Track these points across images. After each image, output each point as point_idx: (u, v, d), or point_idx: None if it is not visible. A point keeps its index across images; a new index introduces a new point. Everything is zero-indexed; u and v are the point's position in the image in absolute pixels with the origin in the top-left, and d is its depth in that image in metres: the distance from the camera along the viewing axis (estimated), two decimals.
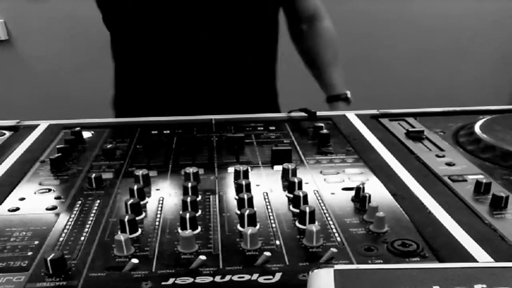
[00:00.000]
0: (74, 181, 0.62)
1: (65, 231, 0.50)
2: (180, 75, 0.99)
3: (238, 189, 0.57)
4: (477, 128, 0.72)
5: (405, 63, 2.38)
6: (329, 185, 0.60)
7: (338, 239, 0.48)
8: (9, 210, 0.54)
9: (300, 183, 0.57)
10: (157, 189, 0.59)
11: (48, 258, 0.43)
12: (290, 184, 0.58)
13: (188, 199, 0.52)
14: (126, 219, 0.49)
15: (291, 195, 0.56)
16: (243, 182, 0.56)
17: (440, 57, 2.40)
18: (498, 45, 2.45)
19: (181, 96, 0.99)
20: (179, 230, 0.49)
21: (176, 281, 0.42)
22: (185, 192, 0.56)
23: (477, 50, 2.43)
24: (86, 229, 0.50)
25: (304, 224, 0.50)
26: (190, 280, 0.42)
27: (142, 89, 1.03)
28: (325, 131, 0.75)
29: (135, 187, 0.55)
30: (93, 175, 0.60)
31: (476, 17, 2.37)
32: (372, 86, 2.22)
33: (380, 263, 0.44)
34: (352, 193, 0.57)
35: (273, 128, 0.80)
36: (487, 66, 2.47)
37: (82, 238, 0.49)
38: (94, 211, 0.54)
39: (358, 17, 2.21)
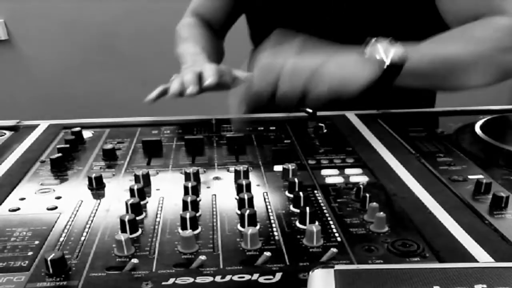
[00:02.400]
0: (74, 181, 0.62)
1: (65, 231, 0.50)
2: None
3: (238, 189, 0.57)
4: (477, 128, 0.72)
5: None
6: (329, 185, 0.60)
7: (338, 239, 0.48)
8: (9, 210, 0.54)
9: (300, 183, 0.57)
10: (157, 189, 0.59)
11: (49, 258, 0.43)
12: (290, 184, 0.58)
13: (188, 199, 0.52)
14: (126, 219, 0.49)
15: (291, 195, 0.56)
16: (243, 182, 0.56)
17: None
18: None
19: None
20: (179, 230, 0.49)
21: (176, 281, 0.42)
22: (185, 192, 0.56)
23: None
24: (86, 229, 0.50)
25: (304, 224, 0.50)
26: (191, 280, 0.42)
27: None
28: (325, 131, 0.75)
29: (135, 187, 0.55)
30: (93, 175, 0.60)
31: None
32: None
33: (380, 263, 0.44)
34: (353, 193, 0.57)
35: (273, 128, 0.80)
36: None
37: (82, 238, 0.49)
38: (94, 211, 0.54)
39: None
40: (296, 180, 0.57)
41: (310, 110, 0.82)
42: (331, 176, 0.62)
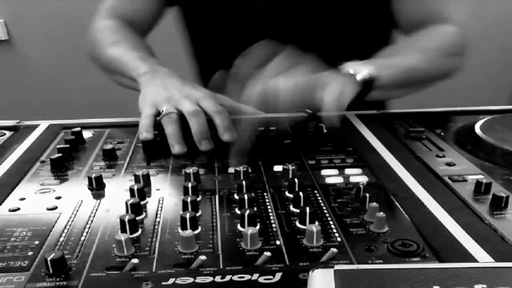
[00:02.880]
0: (74, 181, 0.62)
1: (65, 231, 0.50)
2: None
3: (239, 189, 0.57)
4: (477, 128, 0.72)
5: None
6: (329, 185, 0.60)
7: (338, 239, 0.48)
8: (9, 210, 0.54)
9: (300, 183, 0.57)
10: (157, 189, 0.59)
11: (49, 258, 0.43)
12: (290, 184, 0.58)
13: (189, 199, 0.52)
14: (126, 219, 0.49)
15: (291, 195, 0.56)
16: (243, 182, 0.56)
17: None
18: (498, 45, 2.45)
19: None
20: (179, 230, 0.49)
21: (176, 281, 0.42)
22: (185, 192, 0.56)
23: (477, 51, 2.43)
24: (86, 229, 0.50)
25: (304, 224, 0.50)
26: (190, 280, 0.42)
27: None
28: (325, 131, 0.75)
29: (135, 187, 0.55)
30: (93, 175, 0.60)
31: (476, 17, 2.37)
32: None
33: (380, 263, 0.44)
34: (352, 193, 0.57)
35: (273, 128, 0.80)
36: (487, 66, 2.47)
37: (82, 238, 0.49)
38: (94, 211, 0.54)
39: None
40: (296, 180, 0.57)
41: (310, 111, 0.82)
42: (331, 176, 0.62)
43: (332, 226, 0.50)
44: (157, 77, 0.79)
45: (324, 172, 0.63)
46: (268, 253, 0.44)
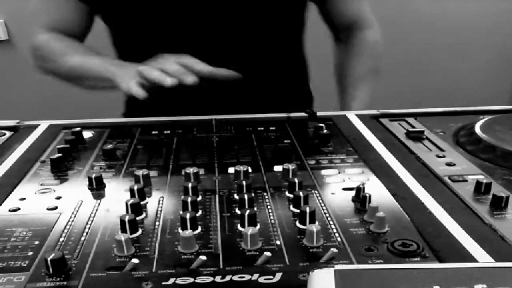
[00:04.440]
0: (74, 181, 0.62)
1: (65, 231, 0.50)
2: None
3: (239, 189, 0.57)
4: (477, 128, 0.72)
5: (405, 63, 2.38)
6: (329, 185, 0.60)
7: (339, 239, 0.48)
8: (9, 210, 0.54)
9: (300, 183, 0.57)
10: (157, 189, 0.59)
11: (49, 258, 0.43)
12: (290, 184, 0.58)
13: (189, 199, 0.52)
14: (126, 219, 0.49)
15: (291, 195, 0.56)
16: (244, 182, 0.56)
17: (440, 57, 2.40)
18: (498, 45, 2.45)
19: (201, 98, 0.90)
20: (180, 230, 0.49)
21: (176, 281, 0.42)
22: (185, 192, 0.56)
23: (477, 50, 2.43)
24: (86, 229, 0.50)
25: (304, 224, 0.50)
26: (191, 280, 0.42)
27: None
28: (325, 131, 0.75)
29: (135, 187, 0.55)
30: (93, 175, 0.60)
31: (476, 17, 2.37)
32: None
33: (380, 263, 0.44)
34: (352, 193, 0.57)
35: (273, 128, 0.80)
36: (487, 66, 2.47)
37: (82, 238, 0.49)
38: (94, 211, 0.54)
39: None
40: (296, 180, 0.57)
41: (311, 111, 0.82)
42: (331, 176, 0.62)
43: (332, 226, 0.50)
44: (128, 65, 0.84)
45: (324, 172, 0.63)
46: (268, 253, 0.44)
